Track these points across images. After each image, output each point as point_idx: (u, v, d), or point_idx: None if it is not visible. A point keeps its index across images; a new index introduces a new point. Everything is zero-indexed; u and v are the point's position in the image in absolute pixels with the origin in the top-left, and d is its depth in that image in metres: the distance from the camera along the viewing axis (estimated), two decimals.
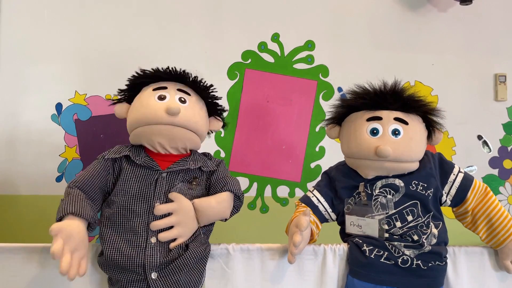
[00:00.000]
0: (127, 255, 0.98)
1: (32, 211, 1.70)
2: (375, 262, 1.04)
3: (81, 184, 1.03)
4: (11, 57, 1.79)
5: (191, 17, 1.87)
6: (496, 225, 1.08)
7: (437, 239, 1.05)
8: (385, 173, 1.10)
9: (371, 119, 1.08)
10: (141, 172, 1.07)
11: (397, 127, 1.06)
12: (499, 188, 1.93)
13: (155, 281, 0.98)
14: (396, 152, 1.04)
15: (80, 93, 1.80)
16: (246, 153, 1.86)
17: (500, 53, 1.98)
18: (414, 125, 1.08)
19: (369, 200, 1.09)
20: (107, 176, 1.08)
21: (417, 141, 1.08)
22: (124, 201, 1.04)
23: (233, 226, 1.79)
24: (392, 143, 1.04)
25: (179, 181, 1.08)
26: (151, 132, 1.07)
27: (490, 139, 1.95)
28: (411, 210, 1.07)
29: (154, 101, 1.08)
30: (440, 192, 1.10)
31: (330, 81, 1.90)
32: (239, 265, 1.08)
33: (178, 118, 1.06)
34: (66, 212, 0.94)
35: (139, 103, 1.10)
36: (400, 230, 1.05)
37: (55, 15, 1.81)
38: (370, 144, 1.05)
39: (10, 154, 1.76)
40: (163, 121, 1.05)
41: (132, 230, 1.01)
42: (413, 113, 1.09)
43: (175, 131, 1.07)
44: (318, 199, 1.17)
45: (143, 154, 1.10)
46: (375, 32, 1.94)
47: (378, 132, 1.06)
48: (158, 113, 1.05)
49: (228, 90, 1.86)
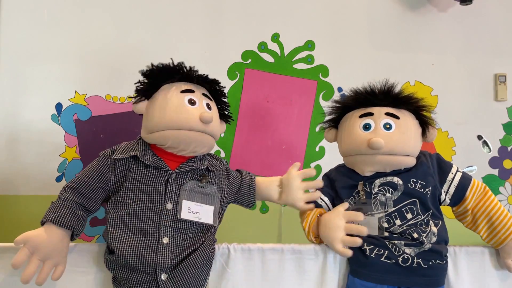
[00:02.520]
0: (139, 255, 0.98)
1: (32, 211, 1.70)
2: (376, 261, 1.04)
3: (77, 184, 1.04)
4: (11, 57, 1.79)
5: (191, 17, 1.87)
6: (497, 224, 1.08)
7: (437, 237, 1.06)
8: (381, 169, 1.10)
9: (363, 116, 1.12)
10: (150, 172, 1.06)
11: (388, 121, 1.09)
12: (499, 188, 1.93)
13: (165, 282, 0.98)
14: (389, 144, 1.06)
15: (80, 93, 1.80)
16: (246, 153, 1.86)
17: (500, 53, 1.98)
18: (405, 119, 1.10)
19: (368, 198, 1.10)
20: (106, 175, 1.07)
21: (410, 135, 1.09)
22: (134, 202, 1.03)
23: (233, 226, 1.80)
24: (384, 136, 1.07)
25: (188, 180, 1.08)
26: (183, 137, 1.05)
27: (490, 139, 1.95)
28: (410, 208, 1.07)
29: (186, 106, 1.06)
30: (438, 191, 1.11)
31: (330, 81, 1.90)
32: (240, 265, 1.08)
33: (209, 127, 1.08)
34: (46, 219, 0.97)
35: (167, 105, 1.06)
36: (399, 228, 1.06)
37: (55, 15, 1.81)
38: (363, 138, 1.08)
39: (10, 154, 1.76)
40: (196, 128, 1.05)
41: (143, 230, 1.01)
42: (403, 108, 1.12)
43: (204, 138, 1.08)
44: (322, 198, 1.19)
45: (150, 153, 1.09)
46: (375, 32, 1.94)
47: (370, 127, 1.10)
48: (193, 120, 1.05)
49: (228, 90, 1.86)
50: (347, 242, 1.04)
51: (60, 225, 0.97)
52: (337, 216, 1.07)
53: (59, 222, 0.97)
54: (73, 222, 0.98)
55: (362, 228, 1.03)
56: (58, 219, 0.97)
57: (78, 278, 1.05)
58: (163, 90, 1.09)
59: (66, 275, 1.01)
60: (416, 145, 1.12)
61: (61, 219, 0.97)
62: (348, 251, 1.04)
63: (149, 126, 1.08)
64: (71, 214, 0.99)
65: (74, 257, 1.05)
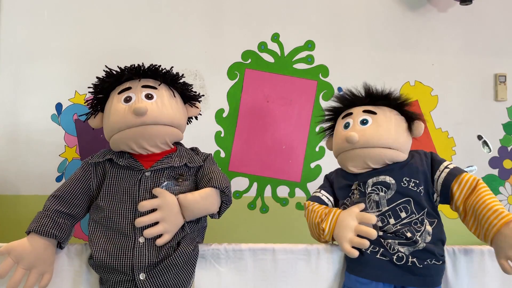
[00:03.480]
0: (115, 256, 0.98)
1: (32, 211, 1.69)
2: (371, 258, 1.04)
3: (62, 192, 1.06)
4: (11, 57, 1.79)
5: (191, 17, 1.87)
6: (481, 215, 0.98)
7: (431, 237, 1.05)
8: (363, 163, 1.13)
9: (344, 116, 1.20)
10: (125, 174, 1.07)
11: (365, 117, 1.14)
12: (499, 188, 1.93)
13: (143, 282, 0.98)
14: (363, 137, 1.10)
15: (80, 93, 1.80)
16: (246, 153, 1.86)
17: (500, 53, 1.98)
18: (383, 114, 1.14)
19: (362, 197, 1.11)
20: (89, 181, 1.09)
21: (387, 128, 1.12)
22: (110, 204, 1.04)
23: (233, 226, 1.80)
24: (359, 130, 1.12)
25: (165, 179, 1.06)
26: (125, 137, 1.06)
27: (490, 139, 1.95)
28: (404, 207, 1.07)
29: (121, 105, 1.06)
30: (431, 190, 1.10)
31: (330, 81, 1.90)
32: (232, 265, 1.08)
33: (147, 117, 1.05)
34: (29, 229, 0.98)
35: (109, 111, 1.09)
36: (393, 227, 1.06)
37: (55, 15, 1.81)
38: (342, 136, 1.15)
39: (10, 154, 1.76)
40: (133, 123, 1.04)
41: (119, 231, 1.01)
42: (383, 105, 1.16)
43: (148, 130, 1.06)
44: (327, 197, 1.22)
45: (126, 155, 1.10)
46: (375, 32, 1.94)
47: (349, 125, 1.16)
48: (127, 117, 1.04)
49: (228, 90, 1.86)
50: (355, 243, 1.03)
51: (42, 234, 0.97)
52: (350, 216, 1.07)
53: (41, 231, 0.97)
54: (54, 230, 0.99)
55: (372, 231, 1.02)
56: (40, 228, 0.98)
57: (71, 278, 1.05)
58: (109, 98, 1.12)
59: (62, 274, 1.03)
60: (398, 138, 1.12)
61: (43, 228, 0.98)
62: (355, 251, 1.03)
63: (105, 136, 1.13)
64: (52, 223, 1.00)
65: (71, 257, 1.05)
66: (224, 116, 1.86)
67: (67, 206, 1.04)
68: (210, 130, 1.84)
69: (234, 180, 1.84)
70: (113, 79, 1.12)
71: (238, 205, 1.82)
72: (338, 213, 1.11)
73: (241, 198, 1.84)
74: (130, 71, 1.11)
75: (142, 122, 1.04)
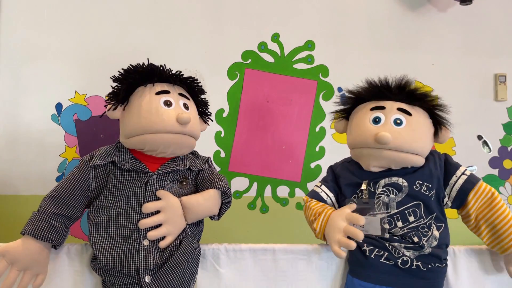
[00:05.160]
0: (120, 260, 0.98)
1: (32, 211, 1.70)
2: (375, 262, 1.04)
3: (58, 193, 1.04)
4: (11, 57, 1.79)
5: (191, 17, 1.87)
6: (502, 231, 1.04)
7: (438, 242, 1.05)
8: (386, 165, 1.08)
9: (374, 109, 1.09)
10: (130, 176, 1.06)
11: (399, 117, 1.06)
12: (499, 188, 1.93)
13: (149, 284, 0.98)
14: (397, 141, 1.03)
15: (80, 93, 1.80)
16: (246, 153, 1.86)
17: (500, 53, 1.98)
18: (418, 117, 1.07)
19: (371, 198, 1.09)
20: (87, 181, 1.06)
21: (420, 133, 1.06)
22: (115, 206, 1.03)
23: (234, 226, 1.80)
24: (393, 131, 1.03)
25: (169, 182, 1.07)
26: (160, 140, 1.04)
27: (490, 139, 1.95)
28: (413, 210, 1.06)
29: (162, 108, 1.04)
30: (442, 194, 1.08)
31: (330, 81, 1.90)
32: (232, 265, 1.08)
33: (187, 127, 1.05)
34: (24, 231, 0.98)
35: (142, 108, 1.04)
36: (401, 231, 1.05)
37: (55, 15, 1.81)
38: (371, 132, 1.05)
39: (10, 154, 1.76)
40: (174, 130, 1.03)
41: (124, 234, 1.01)
42: (417, 105, 1.08)
43: (183, 140, 1.07)
44: (327, 194, 1.18)
45: (129, 157, 1.08)
46: (375, 32, 1.94)
47: (380, 121, 1.06)
48: (169, 122, 1.03)
49: (228, 90, 1.86)
50: (342, 244, 1.02)
51: (38, 238, 0.97)
52: (340, 216, 1.06)
53: (36, 235, 0.97)
54: (50, 234, 0.98)
55: (359, 232, 1.01)
56: (36, 232, 0.97)
57: (72, 280, 1.05)
58: (137, 93, 1.07)
59: (63, 274, 1.03)
60: (426, 145, 1.09)
61: (39, 233, 0.97)
62: (343, 252, 1.03)
63: (126, 131, 1.07)
64: (48, 226, 0.99)
65: (71, 257, 1.05)
66: (224, 116, 1.86)
67: (64, 207, 1.03)
68: (210, 130, 1.84)
69: (234, 180, 1.84)
70: (144, 75, 1.08)
71: (238, 205, 1.82)
72: (329, 213, 1.10)
73: (241, 198, 1.84)
74: (173, 76, 1.10)
75: (181, 131, 1.04)
